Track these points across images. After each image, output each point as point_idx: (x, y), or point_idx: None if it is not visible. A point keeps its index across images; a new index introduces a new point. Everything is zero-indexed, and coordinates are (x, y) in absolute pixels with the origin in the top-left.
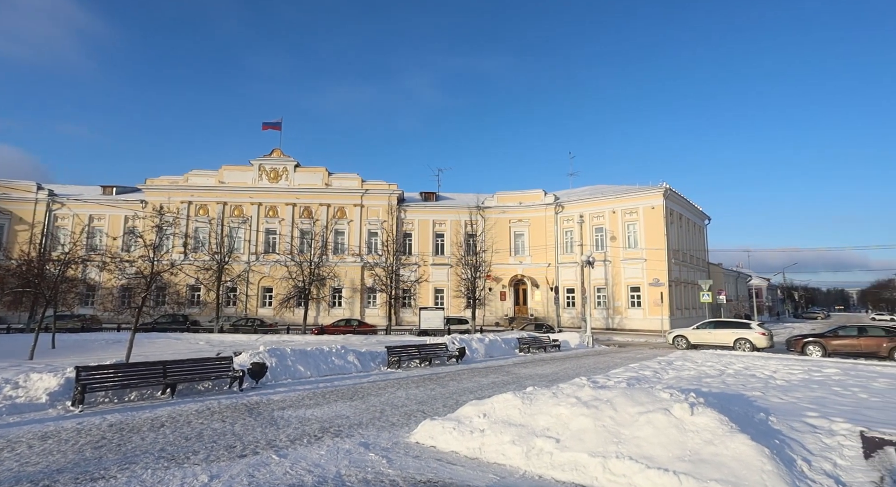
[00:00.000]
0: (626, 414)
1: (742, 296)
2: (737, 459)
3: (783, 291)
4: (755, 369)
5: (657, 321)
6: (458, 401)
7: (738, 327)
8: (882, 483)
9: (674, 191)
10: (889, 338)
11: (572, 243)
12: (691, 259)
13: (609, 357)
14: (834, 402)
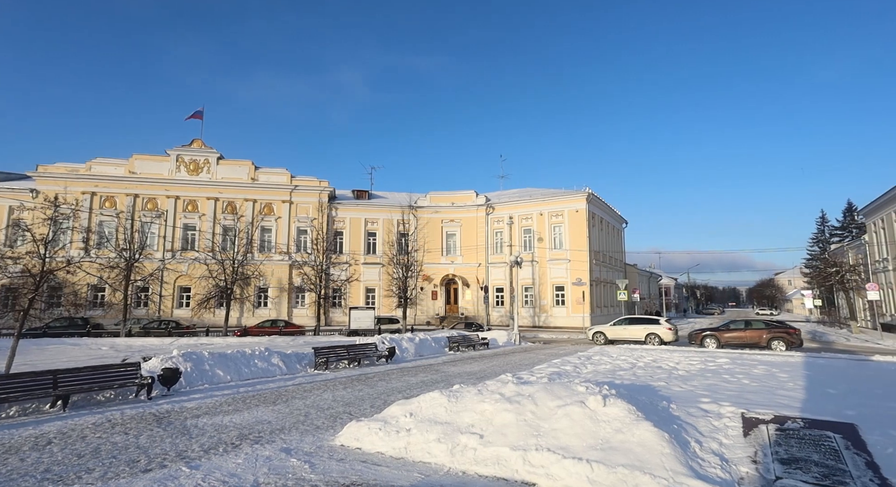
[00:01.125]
0: (546, 408)
1: (653, 294)
2: (641, 444)
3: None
4: (662, 361)
5: (579, 318)
6: (385, 401)
7: (648, 323)
8: (755, 456)
9: (596, 195)
10: (768, 330)
11: (502, 244)
12: (610, 260)
13: (534, 354)
14: (723, 388)
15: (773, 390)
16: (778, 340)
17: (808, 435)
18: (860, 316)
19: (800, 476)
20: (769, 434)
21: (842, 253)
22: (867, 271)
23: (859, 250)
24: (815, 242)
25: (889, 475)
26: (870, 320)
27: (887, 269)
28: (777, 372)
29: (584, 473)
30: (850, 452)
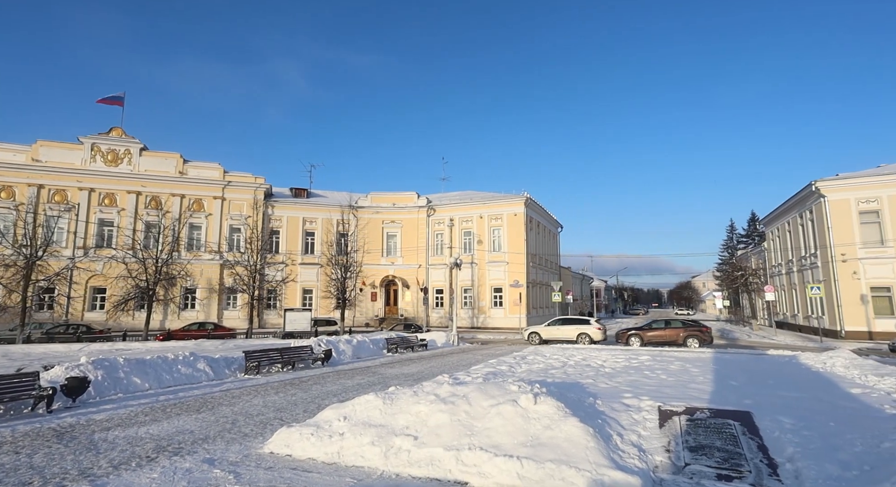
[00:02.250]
0: (480, 407)
1: (586, 296)
2: (568, 440)
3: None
4: (591, 359)
5: (516, 319)
6: (320, 406)
7: (580, 323)
8: (669, 445)
9: (533, 200)
10: (684, 329)
11: (442, 246)
12: (546, 263)
13: (472, 354)
14: (644, 384)
15: (686, 384)
16: (692, 338)
17: (713, 424)
18: (760, 315)
19: (704, 462)
20: (681, 425)
21: (746, 259)
22: (766, 274)
23: (760, 256)
24: (725, 248)
25: (775, 455)
26: (767, 318)
27: (781, 273)
28: (690, 368)
29: (515, 469)
30: (745, 437)
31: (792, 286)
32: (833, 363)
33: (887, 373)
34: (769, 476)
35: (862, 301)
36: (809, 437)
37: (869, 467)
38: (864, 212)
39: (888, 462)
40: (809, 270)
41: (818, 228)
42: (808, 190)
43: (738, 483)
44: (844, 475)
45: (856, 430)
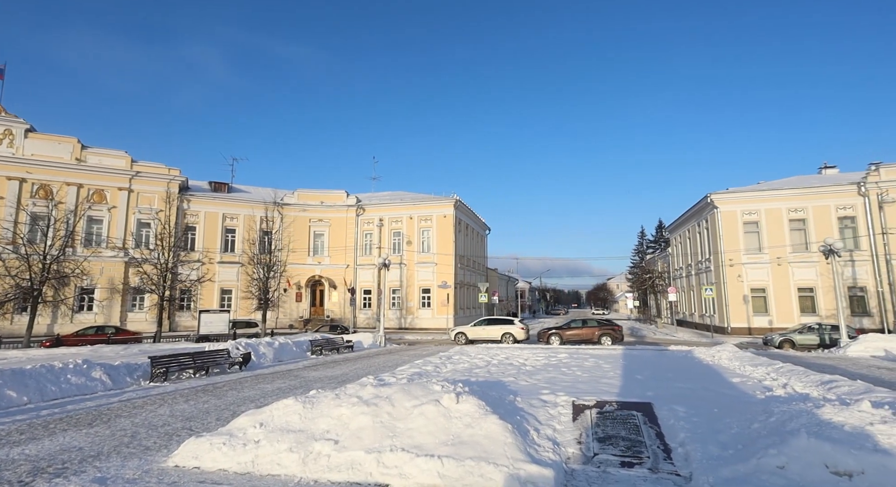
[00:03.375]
0: (403, 408)
1: (511, 296)
2: (488, 437)
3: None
4: (513, 358)
5: (444, 319)
6: (235, 412)
7: (504, 323)
8: (580, 438)
9: (462, 202)
10: (599, 327)
11: (371, 246)
12: (473, 264)
13: (398, 355)
14: (561, 380)
15: (598, 379)
16: (606, 336)
17: (619, 415)
18: (664, 314)
19: (611, 451)
20: (591, 418)
21: (654, 262)
22: (670, 277)
23: (665, 260)
24: (636, 252)
25: (670, 441)
26: (670, 317)
27: (682, 276)
28: (602, 364)
29: (435, 469)
30: (646, 426)
31: (691, 288)
32: (720, 356)
33: (760, 363)
34: (664, 460)
35: (744, 301)
36: (697, 423)
37: (741, 446)
38: (747, 222)
39: (756, 440)
40: (705, 273)
41: (712, 235)
42: (705, 201)
43: (639, 468)
44: (723, 454)
45: (733, 414)
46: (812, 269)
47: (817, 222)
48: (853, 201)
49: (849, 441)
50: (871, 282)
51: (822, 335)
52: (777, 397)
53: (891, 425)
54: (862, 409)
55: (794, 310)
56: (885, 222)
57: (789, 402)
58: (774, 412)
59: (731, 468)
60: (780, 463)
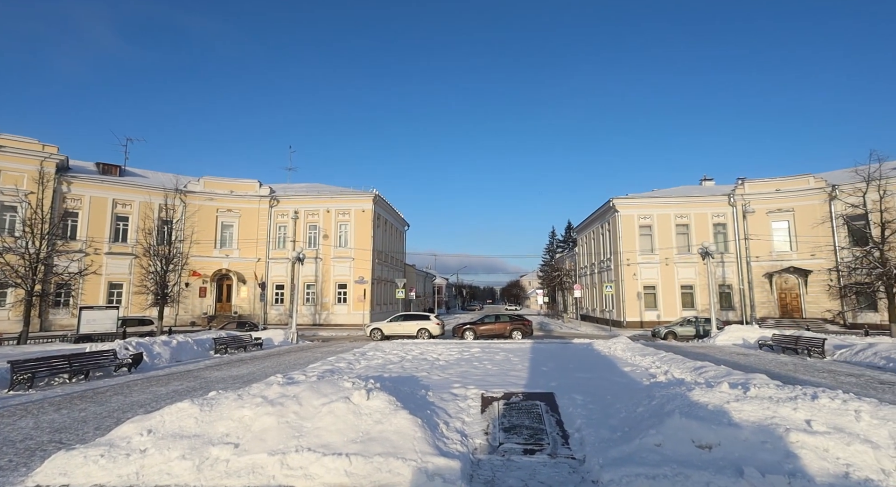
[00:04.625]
0: (311, 407)
1: (428, 292)
2: (397, 432)
3: (456, 288)
4: (428, 353)
5: (360, 315)
6: (119, 420)
7: (420, 319)
8: (487, 429)
9: (382, 197)
10: (510, 322)
11: (285, 239)
12: (391, 260)
13: (311, 352)
14: (472, 374)
15: (507, 372)
16: (517, 330)
17: (524, 406)
18: (570, 309)
19: (515, 440)
20: (499, 409)
21: (562, 261)
22: (576, 275)
23: (573, 259)
24: (547, 251)
25: (568, 427)
26: (575, 312)
27: (587, 274)
28: (512, 357)
29: (343, 467)
30: (548, 415)
31: (594, 285)
32: (615, 348)
33: (647, 353)
34: (562, 446)
35: (638, 297)
36: (593, 409)
37: (628, 428)
38: (643, 226)
39: (640, 423)
40: (606, 271)
41: (613, 237)
42: (608, 205)
43: (540, 454)
44: (612, 436)
45: (623, 400)
46: (692, 269)
47: (697, 227)
48: (725, 210)
49: (710, 418)
50: (735, 280)
51: (698, 326)
52: (659, 383)
53: (742, 402)
54: (722, 390)
55: (678, 305)
56: (747, 229)
57: (668, 387)
58: (656, 396)
59: (618, 448)
60: (658, 442)
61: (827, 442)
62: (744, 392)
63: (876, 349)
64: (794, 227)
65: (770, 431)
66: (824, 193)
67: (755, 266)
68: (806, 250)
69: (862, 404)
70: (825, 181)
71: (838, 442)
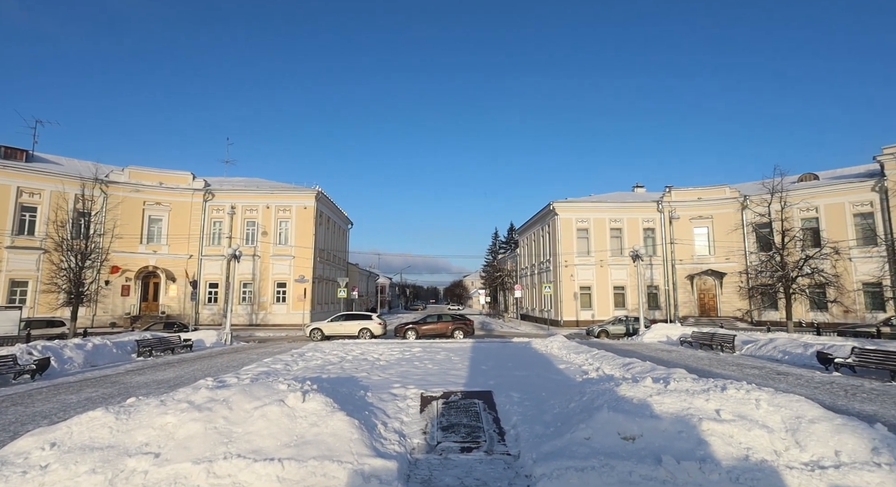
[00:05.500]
0: (242, 411)
1: (371, 292)
2: (333, 435)
3: (400, 288)
4: (369, 353)
5: (300, 315)
6: (16, 433)
7: (362, 319)
8: (426, 428)
9: (325, 194)
10: (452, 322)
11: (220, 235)
12: (334, 259)
13: (246, 354)
14: (413, 374)
15: (447, 371)
16: (459, 330)
17: (463, 404)
18: (511, 309)
19: (453, 439)
20: (438, 408)
21: (504, 262)
22: (517, 275)
23: (514, 260)
24: (490, 252)
25: (504, 424)
26: (516, 312)
27: (528, 274)
28: (453, 356)
29: (275, 473)
30: (485, 412)
31: (534, 286)
32: (552, 346)
33: (581, 351)
34: (498, 443)
35: (574, 298)
36: (528, 406)
37: (560, 423)
38: (580, 229)
39: (571, 418)
40: (546, 272)
41: (552, 239)
42: (548, 208)
43: (476, 452)
44: (546, 432)
45: (557, 396)
46: (624, 270)
47: (630, 231)
48: (654, 215)
49: (635, 411)
50: (661, 282)
51: (628, 325)
52: (591, 379)
53: (662, 395)
54: (646, 385)
55: (611, 305)
56: (673, 234)
57: (599, 383)
58: (587, 392)
59: (550, 443)
60: (587, 435)
61: (732, 429)
62: (665, 386)
63: (775, 343)
64: (712, 233)
65: (686, 421)
66: (738, 202)
67: (679, 269)
68: (722, 255)
69: (761, 393)
70: (739, 192)
71: (741, 429)
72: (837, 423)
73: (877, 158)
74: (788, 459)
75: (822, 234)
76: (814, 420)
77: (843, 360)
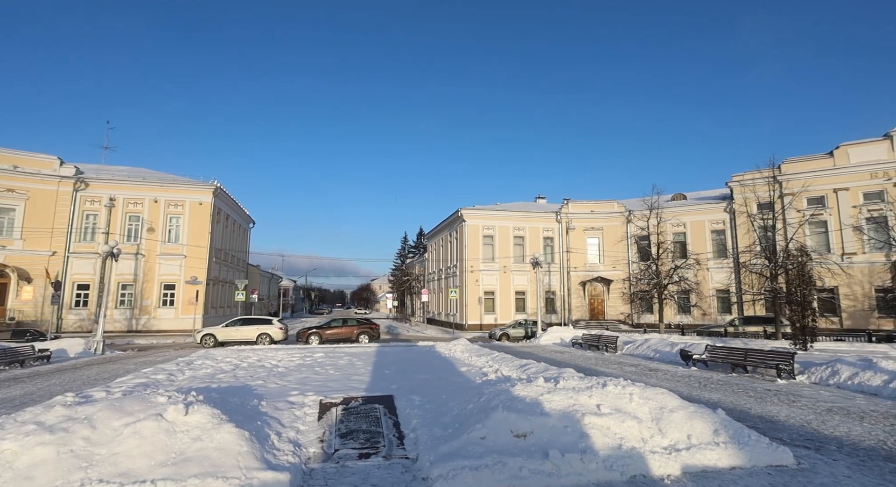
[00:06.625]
0: (109, 430)
1: (273, 295)
2: (219, 448)
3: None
4: (266, 359)
5: (190, 320)
6: None
7: (261, 323)
8: (324, 436)
9: (224, 191)
10: (358, 326)
11: (95, 230)
12: (232, 259)
13: (121, 364)
14: (313, 380)
15: (349, 376)
16: (364, 334)
17: (363, 410)
18: (418, 313)
19: (351, 445)
20: (337, 415)
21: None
22: (425, 280)
23: (423, 265)
24: (399, 256)
25: (404, 428)
26: (422, 316)
27: (435, 279)
28: (356, 361)
29: None
30: (386, 417)
31: (441, 290)
32: (455, 349)
33: (483, 354)
34: (397, 447)
35: (479, 302)
36: (429, 409)
37: (458, 424)
38: (486, 236)
39: (469, 418)
40: (452, 277)
41: (459, 245)
42: (456, 214)
43: (375, 457)
44: (444, 433)
45: (457, 398)
46: (525, 276)
47: (531, 239)
48: (553, 225)
49: (527, 409)
50: (558, 287)
51: (527, 328)
52: (490, 380)
53: (552, 394)
54: (538, 384)
55: (512, 309)
56: (569, 243)
57: (497, 384)
58: (485, 393)
59: (448, 444)
60: (482, 435)
61: (609, 422)
62: (555, 385)
63: (649, 343)
64: (602, 243)
65: (571, 416)
66: (623, 216)
67: (573, 275)
68: (610, 263)
69: (634, 388)
70: (625, 207)
71: (617, 421)
72: (690, 411)
73: (728, 184)
74: (653, 445)
75: (687, 247)
76: (673, 410)
77: (699, 356)
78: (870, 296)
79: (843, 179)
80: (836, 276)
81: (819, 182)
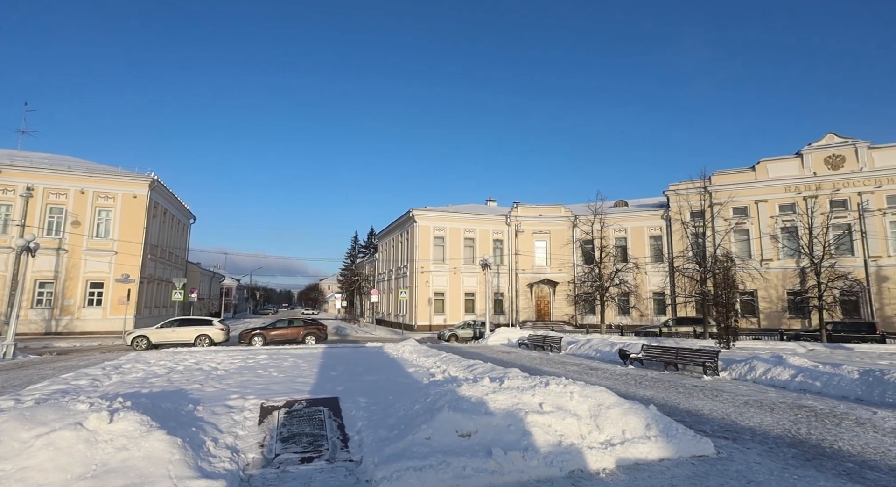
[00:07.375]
0: (17, 442)
1: (214, 294)
2: (148, 457)
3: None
4: (204, 362)
5: (120, 321)
6: None
7: (200, 324)
8: (264, 441)
9: (162, 184)
10: (305, 327)
11: (9, 222)
12: (170, 256)
13: (35, 370)
14: (254, 383)
15: (294, 378)
16: (311, 335)
17: (307, 412)
18: (367, 314)
19: (293, 449)
20: (279, 418)
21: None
22: (375, 280)
23: (373, 265)
24: (349, 256)
25: (349, 430)
26: (372, 316)
27: (385, 279)
28: (301, 363)
29: None
30: (330, 420)
31: (391, 291)
32: (403, 350)
33: (431, 355)
34: (341, 450)
35: (429, 303)
36: (375, 410)
37: (404, 425)
38: (437, 237)
39: (414, 419)
40: (403, 277)
41: (410, 245)
42: (408, 215)
43: (318, 461)
44: (389, 435)
45: (404, 399)
46: (475, 278)
47: (481, 241)
48: (503, 228)
49: (472, 409)
50: (507, 289)
51: (476, 329)
52: (437, 381)
53: (497, 393)
54: (483, 384)
55: (462, 310)
56: (518, 246)
57: (444, 384)
58: (431, 393)
59: (393, 446)
60: (428, 435)
61: (551, 419)
62: (500, 385)
63: (591, 343)
64: (549, 246)
65: (515, 415)
66: (569, 221)
67: (521, 277)
68: (556, 266)
69: (575, 386)
70: (571, 212)
71: (558, 418)
72: (626, 407)
73: (665, 193)
74: (591, 440)
75: (628, 251)
76: (610, 406)
77: (636, 355)
78: (783, 298)
79: (763, 191)
80: (755, 280)
81: (743, 193)
